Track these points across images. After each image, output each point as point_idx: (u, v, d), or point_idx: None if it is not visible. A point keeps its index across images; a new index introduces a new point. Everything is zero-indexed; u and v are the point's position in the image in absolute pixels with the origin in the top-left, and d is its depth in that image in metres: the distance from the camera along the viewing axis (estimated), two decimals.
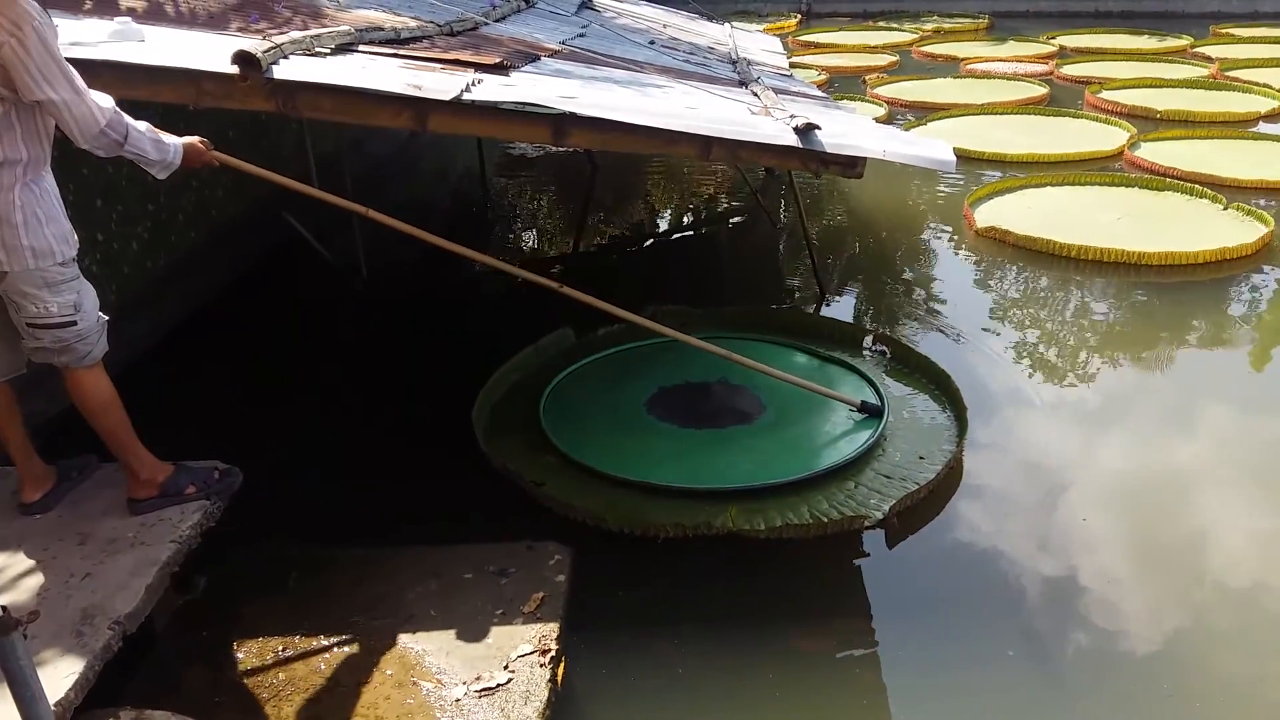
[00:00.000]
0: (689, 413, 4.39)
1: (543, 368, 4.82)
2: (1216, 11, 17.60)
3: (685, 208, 8.42)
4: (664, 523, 3.53)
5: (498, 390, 4.58)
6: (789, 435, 4.21)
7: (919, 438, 4.18)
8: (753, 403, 4.46)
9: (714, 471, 3.91)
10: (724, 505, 3.62)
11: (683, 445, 4.14)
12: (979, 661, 3.10)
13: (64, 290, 2.92)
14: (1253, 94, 10.73)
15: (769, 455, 4.02)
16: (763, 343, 5.00)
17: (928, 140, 3.90)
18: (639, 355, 4.94)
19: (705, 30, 9.17)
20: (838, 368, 4.76)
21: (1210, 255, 6.15)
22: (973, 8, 18.38)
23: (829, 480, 3.82)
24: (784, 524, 3.51)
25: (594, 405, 4.47)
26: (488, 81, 3.76)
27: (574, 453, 3.98)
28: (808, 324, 5.30)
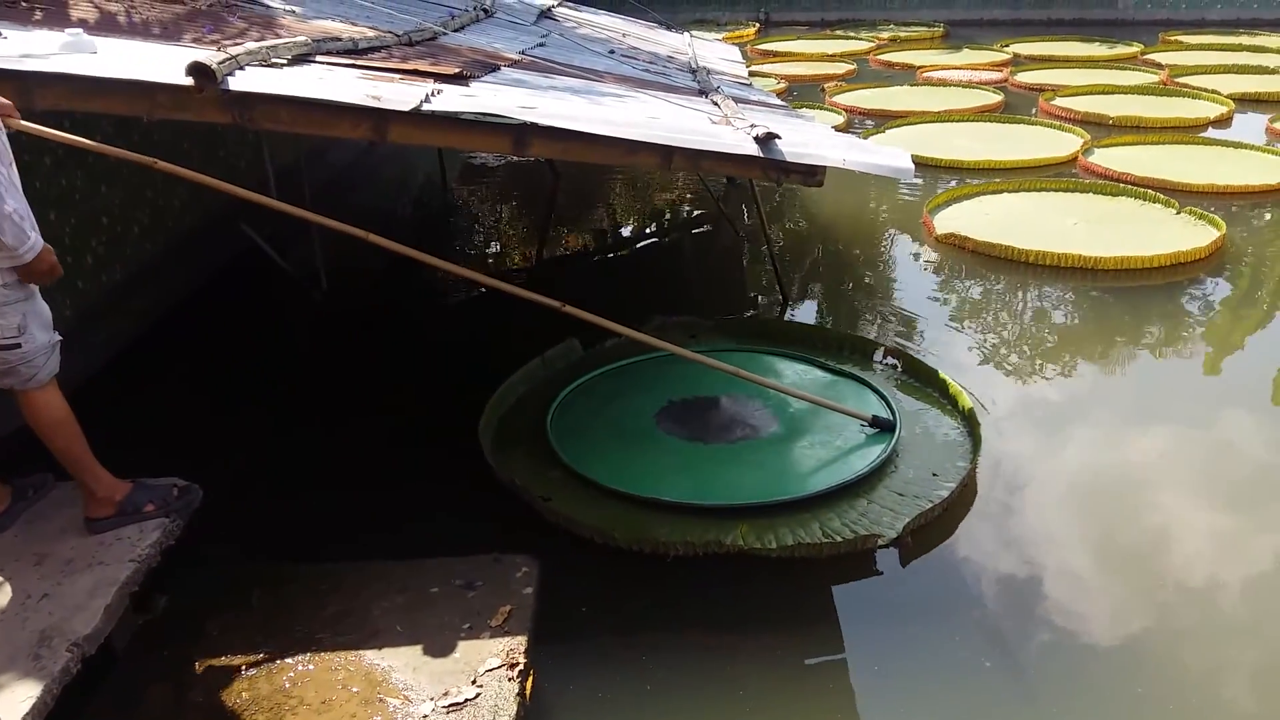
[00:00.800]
0: (698, 427, 4.33)
1: (550, 380, 4.76)
2: (1166, 19, 17.97)
3: (648, 216, 8.44)
4: (673, 540, 3.48)
5: (504, 402, 4.53)
6: (799, 450, 4.15)
7: (931, 453, 4.12)
8: (763, 416, 4.40)
9: (723, 487, 3.85)
10: (734, 522, 3.57)
11: (691, 460, 4.08)
12: (953, 672, 3.12)
13: (8, 312, 2.86)
14: (1202, 100, 10.97)
15: (779, 471, 3.98)
16: (771, 355, 4.97)
17: (886, 148, 3.95)
18: (647, 368, 4.87)
19: (664, 39, 9.21)
20: (849, 381, 4.71)
21: (1165, 259, 6.27)
22: (928, 16, 18.63)
23: (840, 497, 3.76)
24: (796, 543, 3.46)
25: (602, 419, 4.42)
26: (447, 92, 3.75)
27: (581, 467, 3.93)
28: (816, 336, 5.26)
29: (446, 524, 3.73)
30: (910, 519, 3.60)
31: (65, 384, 3.08)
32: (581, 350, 5.02)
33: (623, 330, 4.20)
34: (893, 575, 3.57)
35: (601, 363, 4.91)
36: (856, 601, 3.46)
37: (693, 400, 4.55)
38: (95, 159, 4.97)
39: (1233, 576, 3.55)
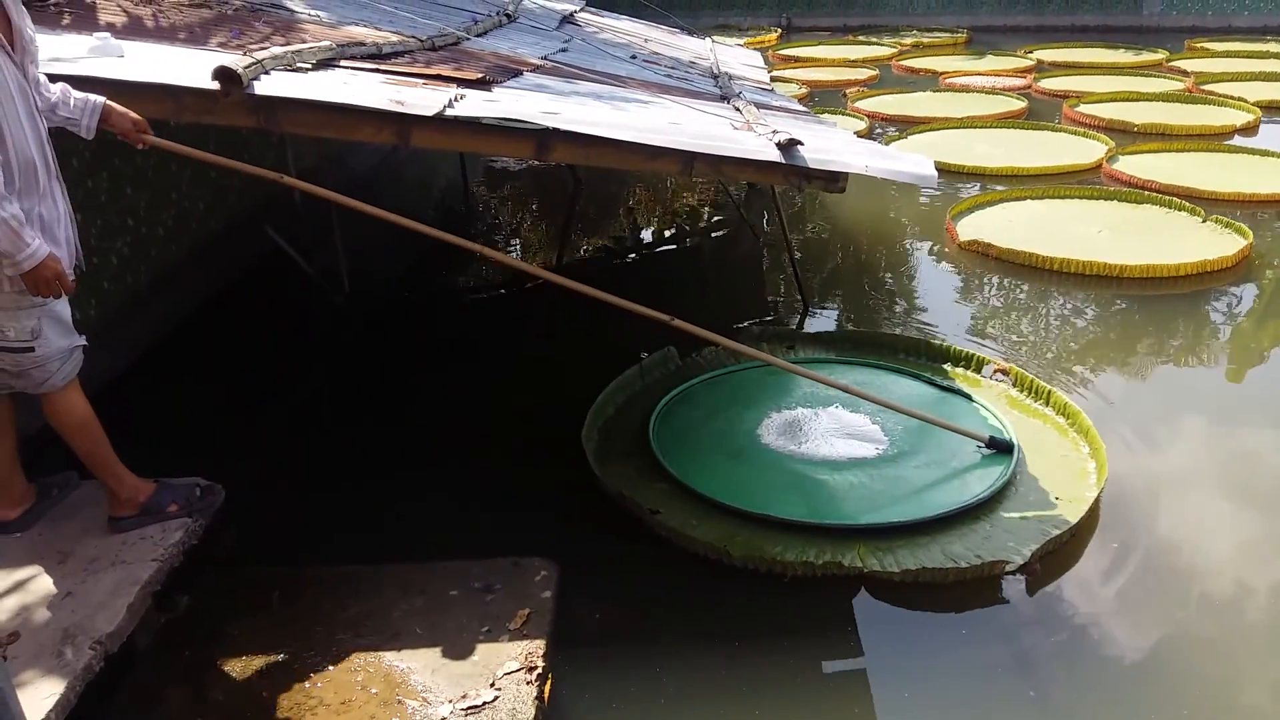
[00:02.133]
0: (805, 441, 4.22)
1: (648, 389, 4.71)
2: (1192, 26, 17.84)
3: (668, 221, 8.44)
4: (792, 560, 3.39)
5: (604, 411, 4.47)
6: (912, 469, 4.02)
7: (1050, 475, 3.96)
8: (870, 432, 4.28)
9: (834, 505, 3.76)
10: (851, 543, 3.50)
11: (799, 475, 3.99)
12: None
13: (23, 316, 2.86)
14: (1228, 107, 10.87)
15: (893, 490, 3.87)
16: (878, 368, 4.87)
17: (909, 155, 3.93)
18: (746, 378, 4.81)
19: (686, 45, 9.22)
20: (955, 397, 4.58)
21: (1191, 268, 6.21)
22: (951, 22, 18.56)
23: (960, 520, 3.65)
24: (920, 568, 3.36)
25: (704, 430, 4.34)
26: (470, 97, 3.77)
27: (689, 480, 3.85)
28: (917, 348, 5.10)
29: (465, 527, 3.74)
30: (1039, 545, 3.45)
31: (90, 384, 3.11)
32: (679, 359, 4.97)
33: (734, 345, 4.18)
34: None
35: (698, 372, 4.85)
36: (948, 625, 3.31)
37: (796, 413, 4.45)
38: (121, 161, 5.02)
39: None
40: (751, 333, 5.21)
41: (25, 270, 2.72)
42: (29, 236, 2.71)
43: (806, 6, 19.83)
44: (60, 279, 2.82)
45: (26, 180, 2.81)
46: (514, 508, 3.87)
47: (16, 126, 2.75)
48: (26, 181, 2.81)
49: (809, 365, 4.82)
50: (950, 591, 3.38)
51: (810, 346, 5.16)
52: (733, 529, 3.59)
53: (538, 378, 5.15)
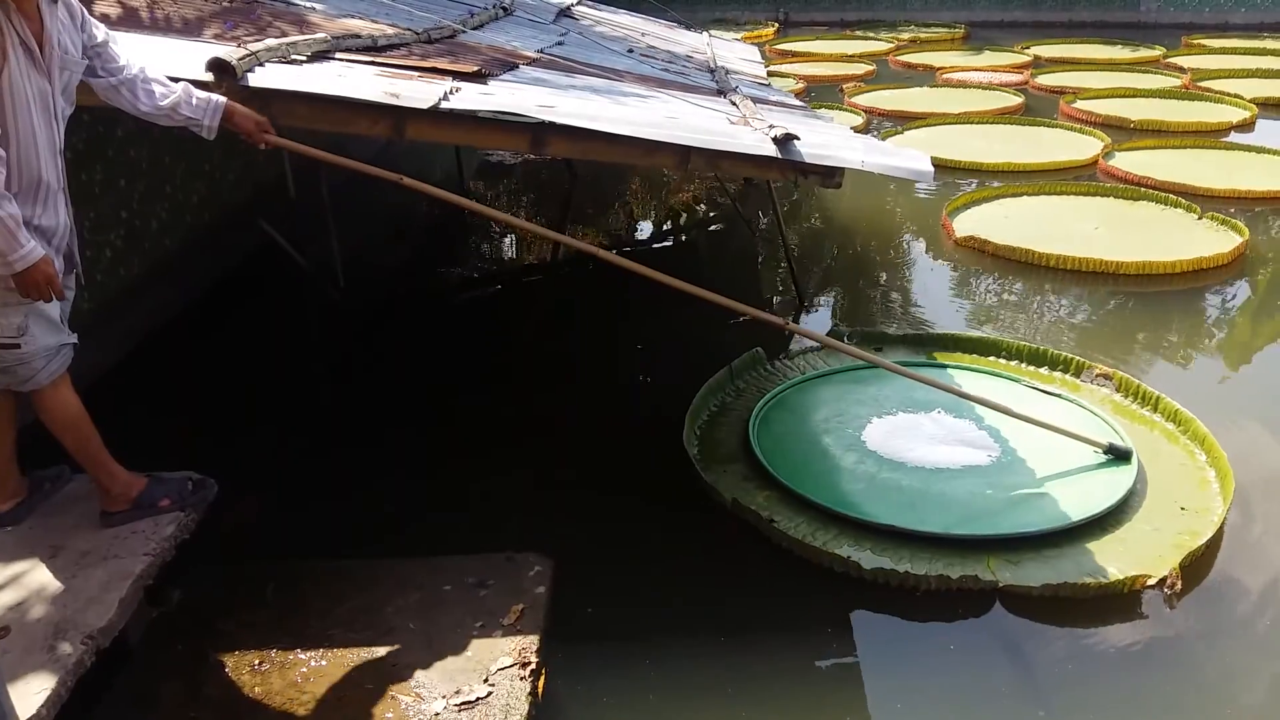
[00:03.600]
0: (914, 447, 4.11)
1: (741, 392, 4.64)
2: (1188, 22, 17.83)
3: (665, 215, 8.43)
4: (926, 574, 3.29)
5: (700, 415, 4.39)
6: (1029, 477, 3.90)
7: (1170, 485, 3.84)
8: (980, 439, 4.17)
9: (958, 515, 3.64)
10: (979, 555, 3.42)
11: (914, 484, 3.86)
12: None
13: (9, 312, 2.82)
14: (1224, 104, 10.87)
15: (1013, 499, 3.75)
16: (980, 373, 4.78)
17: (906, 150, 3.92)
18: (843, 381, 4.73)
19: (683, 39, 9.20)
20: (1061, 401, 4.47)
21: (1187, 265, 6.21)
22: (948, 17, 18.55)
23: (1088, 531, 3.54)
24: (1062, 583, 3.25)
25: (807, 436, 4.24)
26: (466, 90, 3.74)
27: (801, 489, 3.75)
28: (1014, 350, 4.96)
29: (461, 522, 3.73)
30: (1181, 558, 3.34)
31: (82, 377, 3.09)
32: (767, 361, 4.90)
33: (842, 347, 4.15)
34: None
35: (789, 375, 4.77)
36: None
37: (899, 418, 4.35)
38: (115, 153, 5.00)
39: None
40: (834, 331, 5.13)
41: (16, 271, 2.68)
42: (24, 238, 2.66)
43: (804, 1, 19.80)
44: (51, 283, 2.77)
45: (30, 186, 2.76)
46: (509, 502, 3.87)
47: (28, 132, 2.71)
48: (30, 187, 2.76)
49: (905, 368, 4.70)
50: (1088, 606, 3.26)
51: (899, 349, 5.06)
52: (852, 540, 3.51)
53: (538, 371, 5.14)
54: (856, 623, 3.26)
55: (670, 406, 4.35)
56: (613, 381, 5.07)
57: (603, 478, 4.10)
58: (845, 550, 3.44)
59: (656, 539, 3.69)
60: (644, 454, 4.27)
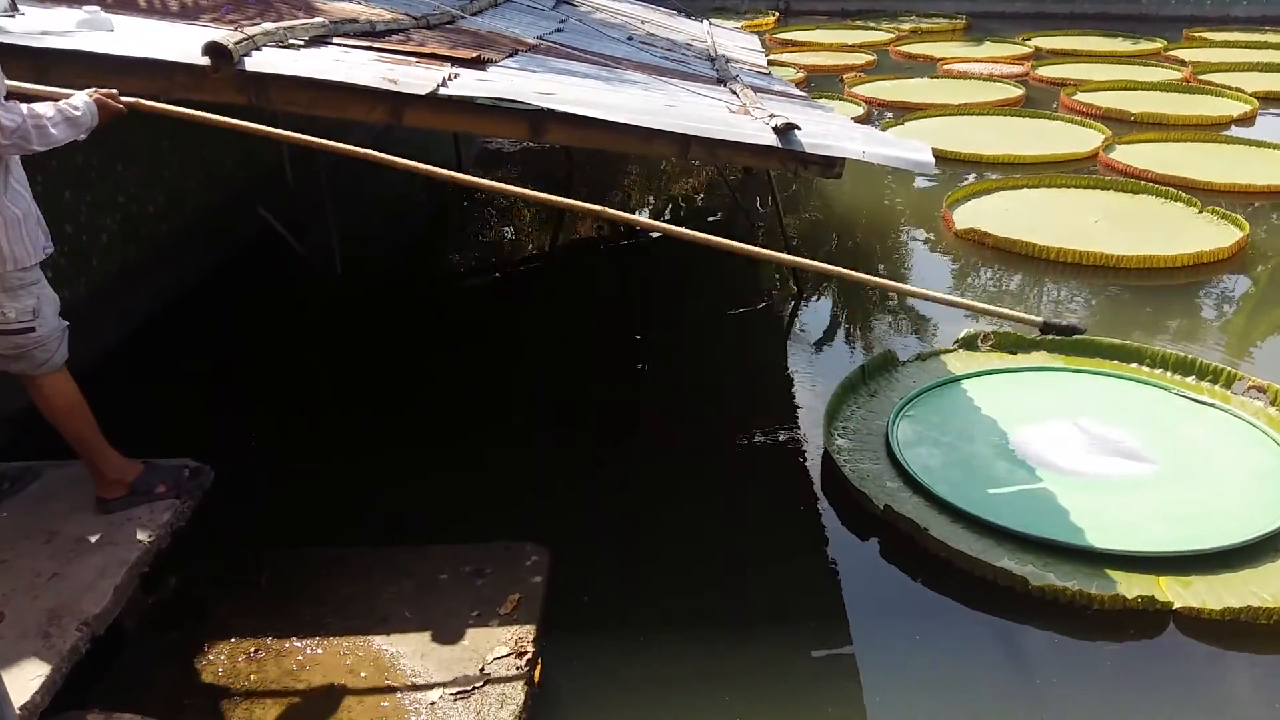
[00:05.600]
0: (1066, 456, 4.00)
1: (875, 394, 4.55)
2: (1190, 15, 17.78)
3: (663, 205, 8.40)
4: (1101, 594, 3.19)
5: (836, 418, 4.31)
6: (1191, 491, 3.78)
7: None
8: (1136, 449, 4.06)
9: (1123, 531, 3.52)
10: (1148, 573, 3.31)
11: (1072, 495, 3.74)
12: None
13: (23, 295, 2.83)
14: (1225, 98, 10.85)
15: (1177, 515, 3.62)
16: (1128, 379, 4.66)
17: (906, 141, 3.90)
18: (979, 386, 4.62)
19: (683, 27, 9.15)
20: (1221, 414, 4.34)
21: (1187, 259, 6.20)
22: (950, 8, 18.48)
23: (1258, 551, 3.42)
24: (1244, 606, 3.13)
25: (951, 441, 4.15)
26: (464, 76, 3.72)
27: (953, 499, 3.67)
28: (1165, 360, 4.78)
29: (459, 510, 3.72)
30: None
31: (78, 362, 3.08)
32: (899, 362, 4.82)
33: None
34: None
35: (924, 378, 4.67)
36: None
37: (1047, 426, 4.23)
38: (112, 138, 4.96)
39: None
40: (964, 336, 5.04)
41: (94, 126, 2.92)
42: (77, 100, 2.86)
43: None
44: (113, 98, 3.00)
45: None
46: (508, 491, 3.86)
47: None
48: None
49: (1032, 373, 4.72)
50: (1267, 631, 3.15)
51: (1037, 353, 4.94)
52: (1010, 553, 3.42)
53: (537, 358, 5.13)
54: (988, 632, 3.17)
55: (668, 400, 4.34)
56: (615, 370, 5.05)
57: (605, 467, 4.09)
58: (1005, 562, 3.35)
59: (653, 529, 3.68)
60: (650, 444, 4.27)
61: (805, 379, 5.04)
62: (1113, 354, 4.87)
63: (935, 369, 4.78)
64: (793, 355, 5.36)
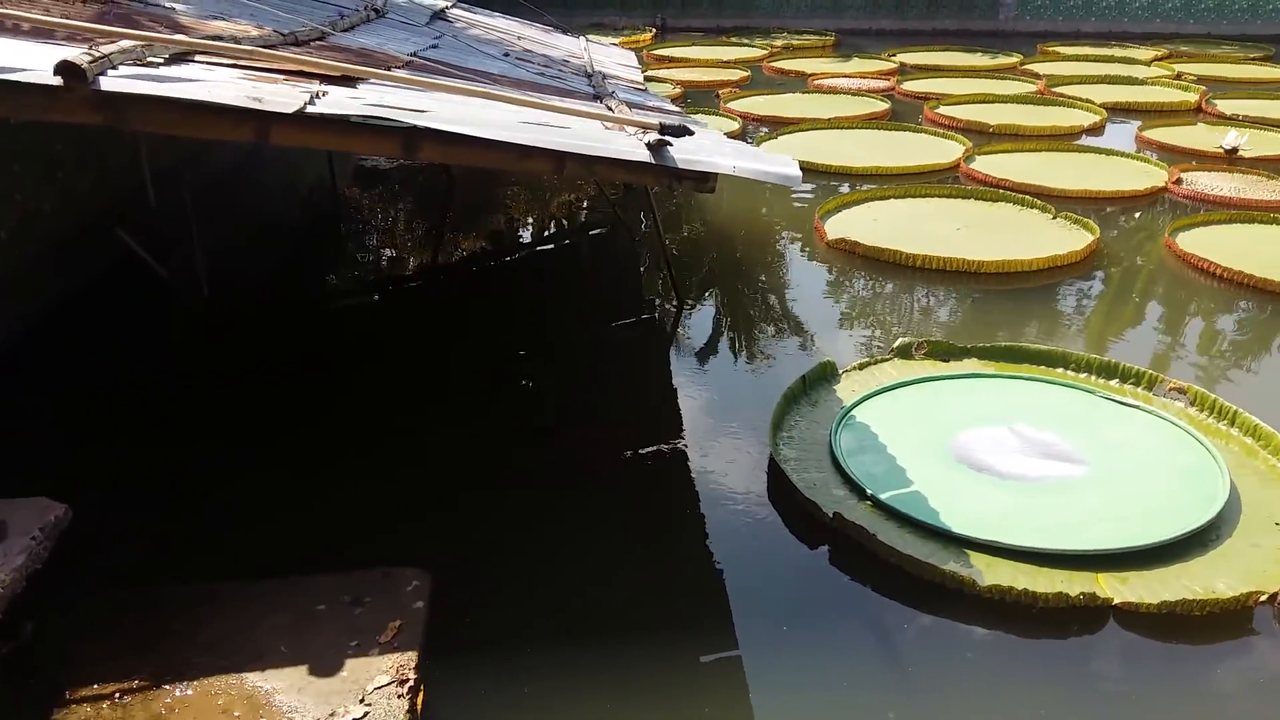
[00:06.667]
0: (1004, 460, 4.13)
1: (816, 405, 4.61)
2: (1044, 31, 18.76)
3: (546, 220, 8.40)
4: (1045, 593, 3.31)
5: (779, 428, 4.37)
6: (1121, 490, 3.94)
7: (1261, 500, 3.90)
8: (1065, 451, 4.21)
9: (1060, 530, 3.65)
10: (1087, 571, 3.44)
11: (1010, 498, 3.88)
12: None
13: None
14: (1076, 109, 11.47)
15: (1111, 514, 3.77)
16: (1054, 384, 4.83)
17: (774, 156, 3.99)
18: (916, 394, 4.74)
19: (560, 43, 9.18)
20: (1146, 415, 4.53)
21: (1043, 262, 6.53)
22: (819, 25, 19.04)
23: (1189, 547, 3.57)
24: (1179, 600, 3.28)
25: (893, 449, 4.23)
26: (334, 93, 3.65)
27: (900, 505, 3.76)
28: (1088, 364, 4.97)
29: (334, 538, 3.63)
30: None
31: None
32: (838, 372, 4.88)
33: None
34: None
35: (862, 387, 4.75)
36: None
37: (981, 430, 4.37)
38: None
39: None
40: (899, 344, 5.15)
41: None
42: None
43: (680, 7, 20.02)
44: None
45: None
46: (389, 516, 3.79)
47: None
48: None
49: (965, 379, 4.86)
50: (1201, 623, 3.30)
51: (968, 359, 5.09)
52: (955, 555, 3.52)
53: (413, 379, 5.06)
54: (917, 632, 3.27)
55: (552, 413, 4.33)
56: (489, 388, 5.02)
57: (483, 486, 4.06)
58: (952, 565, 3.44)
59: (538, 545, 3.67)
60: (526, 460, 4.25)
61: (697, 388, 5.13)
62: (1040, 359, 5.06)
63: (873, 377, 4.91)
64: (679, 365, 5.43)
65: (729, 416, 4.77)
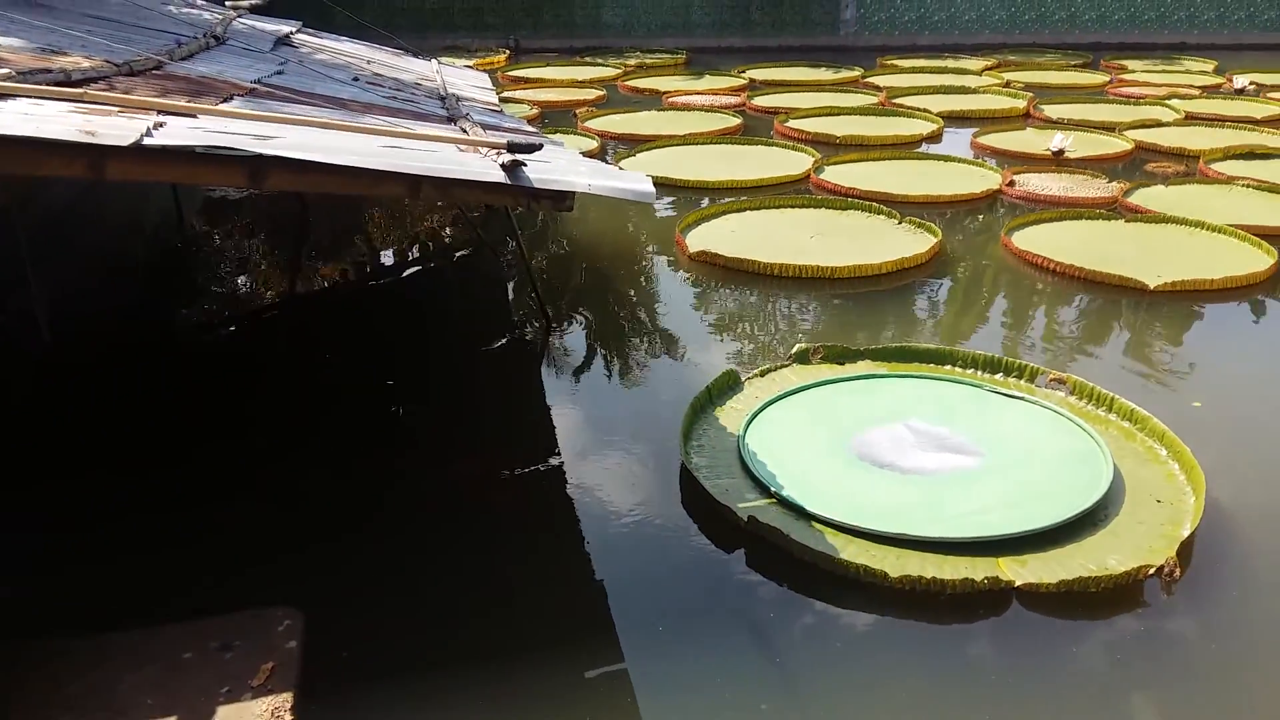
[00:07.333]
0: (904, 456, 4.28)
1: (723, 413, 4.70)
2: (882, 45, 19.63)
3: (408, 244, 8.30)
4: (952, 580, 3.44)
5: (689, 438, 4.45)
6: (1015, 477, 4.13)
7: (1142, 480, 4.14)
8: (963, 443, 4.39)
9: (961, 519, 3.80)
10: (989, 557, 3.57)
11: (912, 492, 4.03)
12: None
13: None
14: (916, 118, 12.04)
15: (1008, 500, 3.94)
16: (945, 381, 5.02)
17: (629, 173, 4.07)
18: (816, 397, 4.88)
19: (411, 66, 9.10)
20: (1030, 406, 4.76)
21: (891, 265, 6.83)
22: (671, 44, 19.42)
23: (1082, 527, 3.78)
24: (1076, 578, 3.46)
25: (800, 451, 4.35)
26: (172, 124, 3.54)
27: (810, 505, 3.87)
28: (974, 360, 5.21)
29: (198, 583, 3.49)
30: (1176, 546, 3.59)
31: None
32: (741, 380, 5.01)
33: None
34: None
35: (765, 393, 4.88)
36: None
37: (879, 429, 4.51)
38: None
39: None
40: (796, 350, 5.30)
41: None
42: None
43: (534, 28, 20.10)
44: None
45: None
46: (256, 557, 3.67)
47: None
48: None
49: (860, 381, 5.03)
50: (1098, 598, 3.49)
51: (863, 360, 5.28)
52: (862, 550, 3.63)
53: (274, 413, 4.92)
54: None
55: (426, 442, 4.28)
56: (358, 419, 4.93)
57: (358, 519, 3.98)
58: (864, 560, 3.56)
59: (419, 576, 3.62)
60: (402, 490, 4.20)
61: (582, 407, 5.17)
62: (929, 358, 5.31)
63: (774, 384, 5.05)
64: (559, 385, 5.45)
65: (618, 431, 4.85)
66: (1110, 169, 9.79)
